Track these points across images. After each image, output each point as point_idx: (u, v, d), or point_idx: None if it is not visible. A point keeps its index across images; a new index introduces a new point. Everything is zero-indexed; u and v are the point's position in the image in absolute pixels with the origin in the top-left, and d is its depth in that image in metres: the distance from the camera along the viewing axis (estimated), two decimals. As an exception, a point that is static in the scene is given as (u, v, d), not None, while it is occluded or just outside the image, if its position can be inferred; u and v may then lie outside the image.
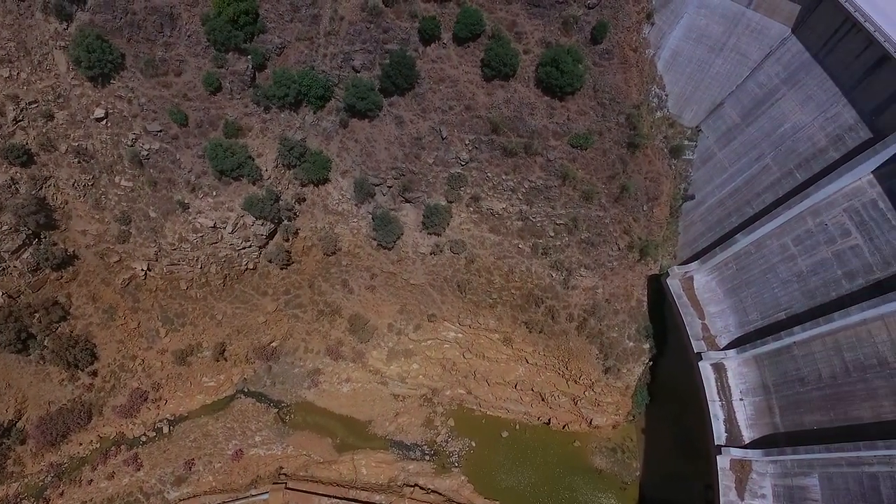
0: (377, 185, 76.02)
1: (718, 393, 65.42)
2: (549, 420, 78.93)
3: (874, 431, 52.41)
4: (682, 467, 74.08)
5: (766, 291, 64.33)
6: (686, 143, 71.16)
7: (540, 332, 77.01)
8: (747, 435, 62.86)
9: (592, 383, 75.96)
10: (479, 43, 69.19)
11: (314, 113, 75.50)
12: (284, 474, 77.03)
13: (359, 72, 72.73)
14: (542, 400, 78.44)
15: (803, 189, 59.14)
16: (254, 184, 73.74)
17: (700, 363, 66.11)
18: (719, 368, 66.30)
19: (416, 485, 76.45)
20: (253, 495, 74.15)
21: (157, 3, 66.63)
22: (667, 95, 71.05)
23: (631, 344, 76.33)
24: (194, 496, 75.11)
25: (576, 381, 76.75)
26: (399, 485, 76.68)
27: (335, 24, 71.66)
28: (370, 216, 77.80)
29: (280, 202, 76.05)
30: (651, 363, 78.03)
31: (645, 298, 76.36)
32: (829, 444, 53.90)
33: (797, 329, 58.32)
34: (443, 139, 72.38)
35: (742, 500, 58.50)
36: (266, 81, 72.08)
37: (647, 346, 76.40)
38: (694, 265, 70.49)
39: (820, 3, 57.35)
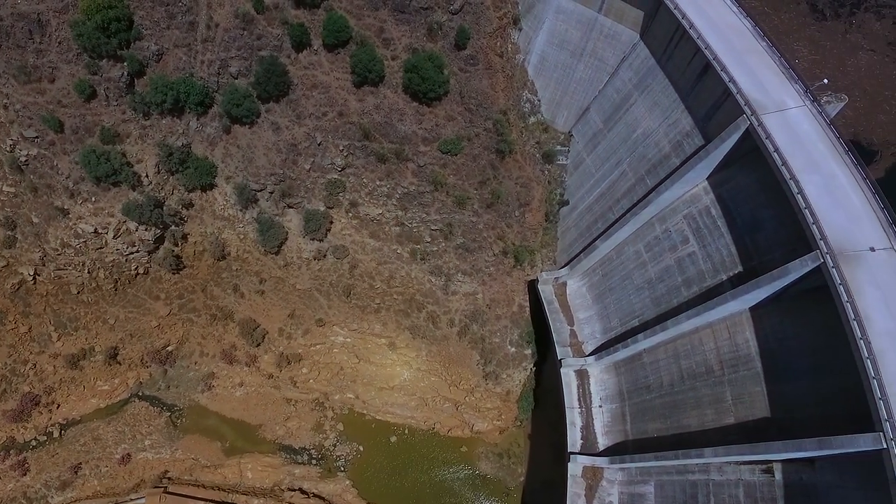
0: (259, 191, 76.45)
1: (579, 400, 65.50)
2: (435, 425, 79.00)
3: (698, 439, 52.41)
4: (557, 474, 73.88)
5: (625, 298, 64.42)
6: (558, 148, 71.27)
7: (423, 337, 77.22)
8: (602, 442, 62.97)
9: (472, 389, 76.11)
10: (348, 49, 69.56)
11: (198, 119, 76.01)
12: (168, 478, 77.46)
13: (236, 78, 73.25)
14: (427, 405, 78.57)
15: (649, 195, 59.12)
16: (133, 189, 74.27)
17: (562, 370, 66.23)
18: (582, 375, 66.42)
19: (297, 489, 76.70)
20: (133, 499, 74.57)
21: (24, 10, 67.21)
22: (539, 100, 71.19)
23: (513, 349, 76.44)
24: (76, 501, 75.58)
25: (457, 387, 76.88)
26: (282, 489, 76.96)
27: (211, 31, 72.16)
28: (255, 221, 78.19)
29: (164, 208, 76.52)
30: (535, 369, 78.08)
31: (527, 304, 76.42)
32: (658, 452, 53.94)
33: (640, 337, 58.44)
34: (318, 145, 72.77)
35: (590, 507, 58.65)
36: (145, 88, 72.59)
37: (528, 351, 76.48)
38: (564, 271, 70.61)
39: (658, 9, 57.28)
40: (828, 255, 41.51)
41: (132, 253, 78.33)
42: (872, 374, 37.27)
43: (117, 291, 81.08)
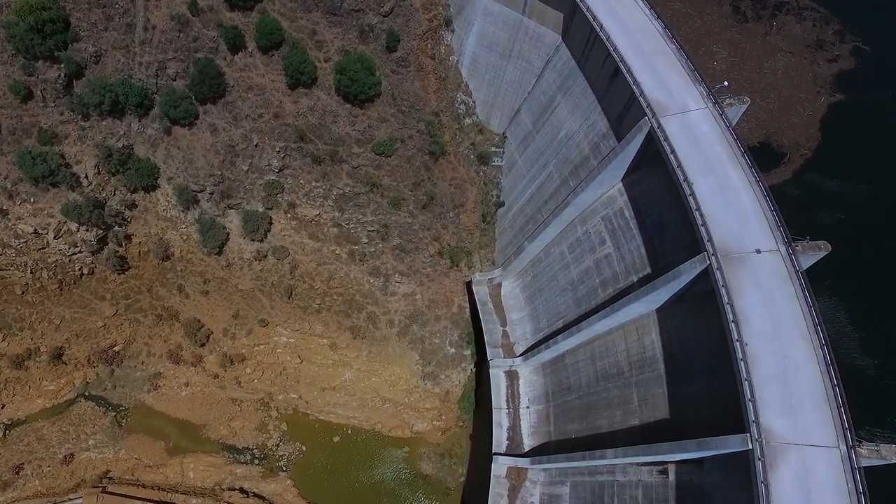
0: (199, 192, 76.77)
1: (507, 401, 65.77)
2: (376, 426, 79.28)
3: (608, 440, 52.69)
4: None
5: (552, 299, 64.69)
6: (493, 149, 71.56)
7: (363, 337, 77.52)
8: (528, 443, 63.25)
9: (411, 389, 76.40)
10: (282, 51, 69.82)
11: (139, 120, 76.30)
12: (109, 478, 77.79)
13: (175, 80, 73.53)
14: (368, 405, 78.85)
15: (569, 197, 59.38)
16: (73, 190, 74.56)
17: (491, 371, 66.53)
18: (512, 376, 66.71)
19: (237, 489, 77.00)
20: (71, 499, 74.89)
21: (-43, 13, 67.56)
22: (474, 102, 71.48)
23: (452, 350, 76.70)
24: (16, 501, 75.90)
25: (396, 387, 77.15)
26: (222, 488, 77.28)
27: (149, 33, 72.45)
28: (197, 222, 78.50)
29: (105, 209, 76.81)
30: (476, 369, 78.30)
31: (467, 305, 76.69)
32: (571, 453, 54.21)
33: (560, 338, 58.73)
34: (255, 146, 73.09)
35: (514, 507, 58.91)
36: (83, 89, 72.90)
37: (468, 352, 76.76)
38: (497, 272, 70.91)
39: (575, 11, 57.49)
40: (713, 257, 41.73)
41: (75, 253, 78.61)
42: (744, 376, 37.51)
43: (62, 292, 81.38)
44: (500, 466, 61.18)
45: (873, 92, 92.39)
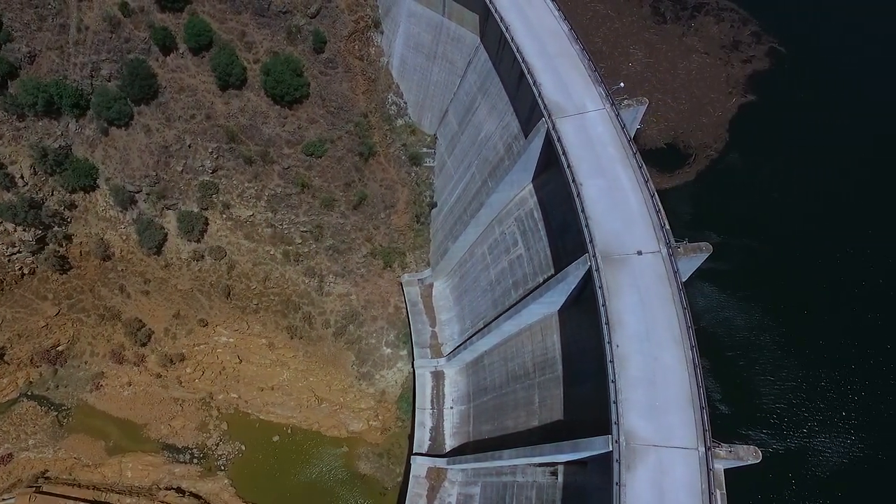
0: (136, 193, 76.99)
1: (432, 401, 65.99)
2: (314, 425, 79.40)
3: (513, 441, 52.88)
4: (427, 473, 74.27)
5: (475, 300, 64.88)
6: (425, 150, 71.68)
7: (300, 337, 77.71)
8: (449, 443, 63.45)
9: (346, 389, 76.56)
10: (212, 53, 69.93)
11: (76, 121, 76.52)
12: (46, 478, 77.96)
13: (109, 81, 73.72)
14: (305, 405, 78.99)
15: (486, 198, 59.54)
16: (7, 190, 74.78)
17: (417, 371, 66.71)
18: (439, 376, 66.94)
19: (173, 488, 77.16)
20: (5, 499, 75.05)
21: None
22: (405, 103, 71.60)
23: (388, 351, 76.81)
24: (-50, 500, 76.13)
25: (332, 388, 77.33)
26: (159, 487, 77.45)
27: (82, 34, 72.68)
28: (135, 223, 78.70)
29: (42, 209, 77.03)
30: (412, 369, 78.30)
31: (403, 305, 76.71)
32: (479, 453, 54.39)
33: (475, 339, 58.89)
34: (189, 147, 73.27)
35: (431, 507, 59.09)
36: (17, 90, 73.10)
37: (404, 352, 76.77)
38: (427, 272, 71.21)
39: (489, 13, 57.58)
40: (594, 259, 41.87)
41: (14, 254, 78.86)
42: (611, 378, 37.64)
43: (3, 291, 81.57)
44: (420, 467, 61.52)
45: (786, 92, 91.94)
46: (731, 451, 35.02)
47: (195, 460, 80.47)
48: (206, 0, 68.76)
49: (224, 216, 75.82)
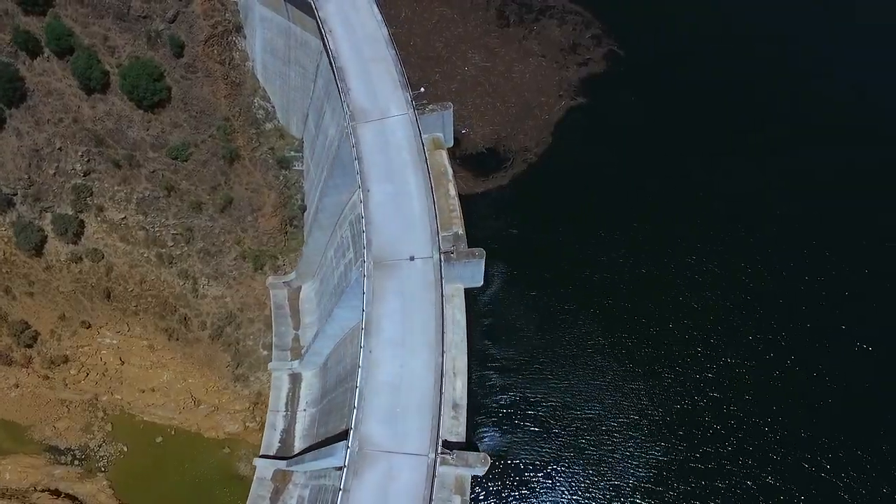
0: (13, 195, 77.15)
1: (286, 404, 66.33)
2: (193, 427, 79.78)
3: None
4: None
5: (328, 303, 65.13)
6: (293, 154, 71.96)
7: (178, 339, 78.06)
8: (298, 445, 63.85)
9: (221, 391, 76.93)
10: (76, 56, 70.19)
11: (-50, 123, 76.65)
12: (-78, 479, 78.18)
13: (-19, 84, 73.83)
14: (185, 407, 79.38)
15: (320, 202, 59.87)
16: None
17: (273, 374, 67.06)
18: (296, 379, 67.23)
19: (49, 490, 77.43)
20: None
21: None
22: (273, 107, 71.91)
23: (265, 353, 77.03)
24: None
25: (209, 389, 77.70)
26: (34, 489, 77.73)
27: (-50, 37, 72.76)
28: (13, 225, 78.93)
29: (-85, 211, 77.26)
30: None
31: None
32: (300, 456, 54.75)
33: (312, 341, 59.10)
34: (59, 150, 73.51)
35: (273, 509, 59.40)
36: None
37: (280, 354, 77.04)
38: (292, 275, 71.48)
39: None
40: (366, 265, 42.21)
41: None
42: (357, 384, 37.97)
43: None
44: (265, 469, 61.75)
45: (618, 95, 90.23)
46: (457, 458, 35.30)
47: (76, 462, 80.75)
48: (68, 4, 68.89)
49: (99, 219, 76.13)
